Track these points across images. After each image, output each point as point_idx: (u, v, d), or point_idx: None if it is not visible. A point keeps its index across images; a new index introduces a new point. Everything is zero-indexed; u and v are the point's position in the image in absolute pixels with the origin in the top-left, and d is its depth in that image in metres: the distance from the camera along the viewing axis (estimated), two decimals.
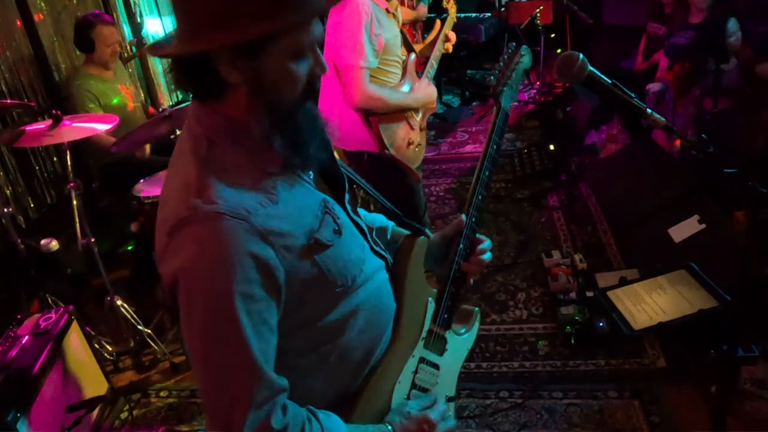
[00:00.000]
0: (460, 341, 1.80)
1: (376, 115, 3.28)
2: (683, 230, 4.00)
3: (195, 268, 1.25)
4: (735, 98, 4.73)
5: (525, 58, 1.92)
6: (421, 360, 1.67)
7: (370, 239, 1.61)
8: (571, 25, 7.28)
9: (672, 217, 4.13)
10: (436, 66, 3.78)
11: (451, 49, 3.87)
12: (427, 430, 1.59)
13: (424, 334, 1.68)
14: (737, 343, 2.04)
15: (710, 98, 4.66)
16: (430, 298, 1.71)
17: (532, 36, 7.55)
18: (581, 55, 1.68)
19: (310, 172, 1.47)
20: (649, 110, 1.69)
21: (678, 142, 4.49)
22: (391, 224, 1.84)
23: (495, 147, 1.83)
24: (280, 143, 1.33)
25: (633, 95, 1.70)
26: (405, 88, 3.42)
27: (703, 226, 3.92)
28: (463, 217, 1.78)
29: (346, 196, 1.57)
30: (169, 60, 1.34)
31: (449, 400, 1.72)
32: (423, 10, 3.99)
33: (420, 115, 3.56)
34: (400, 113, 3.40)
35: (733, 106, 4.71)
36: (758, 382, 3.20)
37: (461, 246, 1.75)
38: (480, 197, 1.80)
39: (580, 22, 7.13)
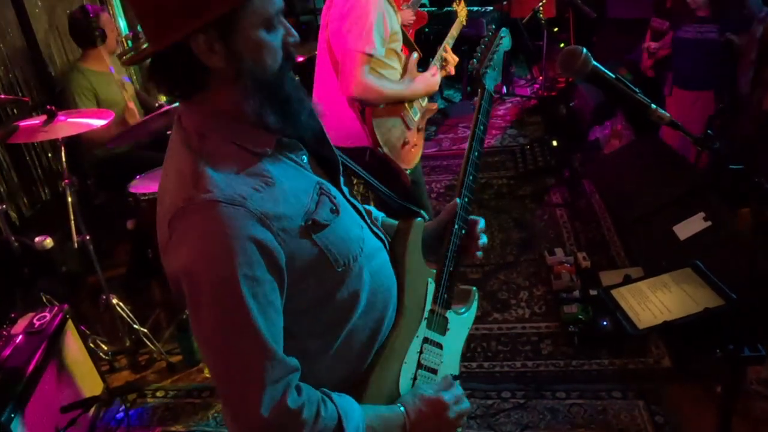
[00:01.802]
0: (461, 320, 1.85)
1: (372, 108, 3.23)
2: (688, 228, 3.99)
3: (198, 256, 1.28)
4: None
5: (505, 40, 2.05)
6: (425, 340, 1.70)
7: (368, 220, 1.65)
8: (574, 19, 7.29)
9: (677, 214, 4.12)
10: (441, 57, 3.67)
11: (453, 71, 3.75)
12: (441, 413, 1.60)
13: (426, 315, 1.71)
14: (743, 342, 2.03)
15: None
16: (429, 279, 1.74)
17: (535, 30, 7.55)
18: (584, 50, 1.68)
19: (304, 156, 1.51)
20: (653, 106, 1.68)
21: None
22: (381, 215, 1.89)
23: (482, 128, 1.89)
24: (272, 117, 1.38)
25: (637, 90, 1.69)
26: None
27: (709, 223, 3.91)
28: (458, 200, 1.83)
29: (341, 179, 1.61)
30: (146, 66, 1.38)
31: (454, 378, 1.74)
32: (406, 13, 3.91)
33: (418, 115, 3.51)
34: (396, 110, 3.35)
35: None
36: (765, 382, 3.19)
37: (456, 227, 1.80)
38: (471, 177, 1.86)
39: (583, 15, 7.12)
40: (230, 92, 1.36)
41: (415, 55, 3.45)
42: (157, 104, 4.11)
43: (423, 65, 3.54)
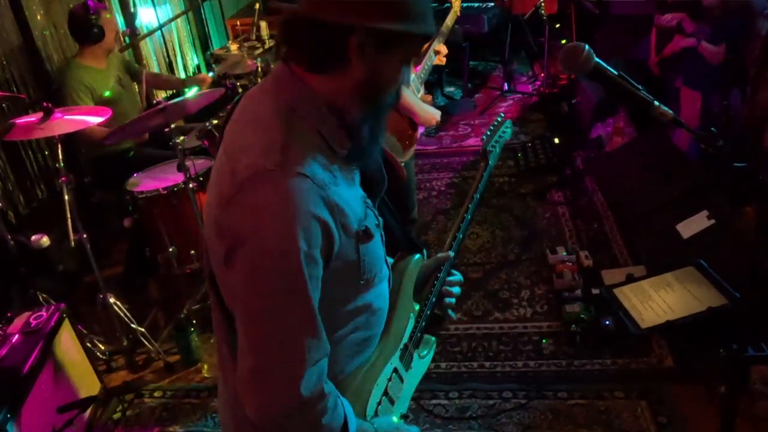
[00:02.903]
0: (420, 363, 1.92)
1: None
2: (692, 226, 4.00)
3: (272, 221, 1.30)
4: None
5: (509, 130, 2.31)
6: (395, 370, 1.77)
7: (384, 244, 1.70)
8: (576, 16, 7.26)
9: (680, 212, 4.13)
10: (421, 80, 3.61)
11: (444, 61, 3.76)
12: None
13: (401, 346, 1.80)
14: (747, 341, 2.03)
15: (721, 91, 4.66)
16: (412, 314, 1.85)
17: (537, 26, 7.53)
18: (587, 46, 1.68)
19: (357, 173, 1.57)
20: (656, 103, 1.68)
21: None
22: None
23: (479, 196, 2.08)
24: (367, 131, 1.47)
25: (640, 87, 1.69)
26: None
27: (712, 221, 3.92)
28: (450, 254, 1.96)
29: (377, 201, 1.67)
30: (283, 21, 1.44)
31: (402, 417, 1.83)
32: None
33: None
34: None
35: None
36: None
37: (441, 275, 1.94)
38: (461, 236, 2.02)
39: (585, 12, 7.11)
40: (347, 92, 1.41)
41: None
42: (155, 101, 4.10)
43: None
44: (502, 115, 2.41)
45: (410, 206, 3.71)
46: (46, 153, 4.92)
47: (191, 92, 4.83)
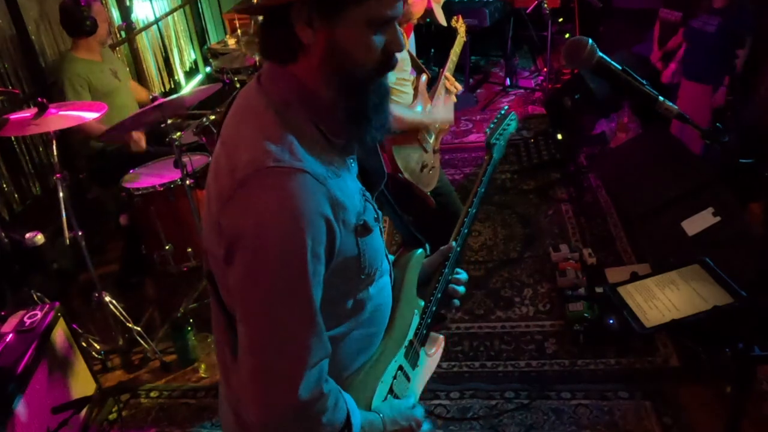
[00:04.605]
0: (429, 361, 1.91)
1: (390, 136, 3.24)
2: (697, 223, 3.99)
3: (275, 219, 1.29)
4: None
5: (513, 122, 2.31)
6: (400, 368, 1.76)
7: (384, 240, 1.69)
8: (579, 9, 7.27)
9: (685, 209, 4.12)
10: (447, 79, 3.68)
11: (455, 99, 3.75)
12: (415, 428, 1.67)
13: (406, 344, 1.78)
14: (753, 341, 2.03)
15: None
16: (416, 311, 1.83)
17: (539, 21, 7.53)
18: (590, 41, 1.67)
19: (354, 163, 1.55)
20: (661, 98, 1.68)
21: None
22: None
23: (483, 189, 2.06)
24: (344, 111, 1.41)
25: (644, 82, 1.69)
26: (418, 109, 3.40)
27: (718, 218, 3.91)
28: (453, 244, 1.94)
29: (375, 195, 1.65)
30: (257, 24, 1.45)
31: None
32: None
33: (433, 137, 3.52)
34: (413, 136, 3.36)
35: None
36: None
37: (446, 270, 1.91)
38: (467, 230, 2.00)
39: (589, 5, 7.11)
40: (315, 73, 1.39)
41: (424, 77, 3.47)
42: (150, 97, 4.10)
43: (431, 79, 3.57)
44: (506, 107, 2.39)
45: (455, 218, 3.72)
46: (41, 149, 4.92)
47: (187, 88, 4.83)
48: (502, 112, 2.30)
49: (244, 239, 1.31)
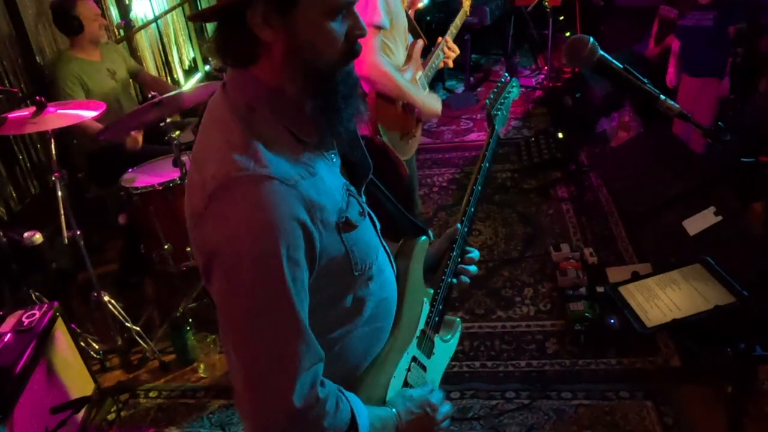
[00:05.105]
0: (445, 347, 1.90)
1: (375, 95, 3.20)
2: (698, 222, 3.99)
3: (246, 229, 1.27)
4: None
5: (515, 89, 2.27)
6: (414, 359, 1.74)
7: (378, 230, 1.67)
8: (580, 7, 7.27)
9: (687, 208, 4.12)
10: (428, 78, 3.61)
11: (452, 65, 3.75)
12: (430, 413, 1.66)
13: (417, 334, 1.76)
14: (755, 340, 2.03)
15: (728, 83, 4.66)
16: (425, 299, 1.80)
17: (540, 18, 7.53)
18: (591, 39, 1.67)
19: (335, 157, 1.53)
20: (662, 96, 1.68)
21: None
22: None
23: (488, 164, 2.02)
24: (312, 106, 1.38)
25: (646, 80, 1.69)
26: (408, 75, 3.37)
27: (720, 218, 3.91)
28: (458, 226, 1.91)
29: (363, 187, 1.64)
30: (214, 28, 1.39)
31: None
32: None
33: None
34: (397, 102, 3.32)
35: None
36: None
37: (455, 253, 1.88)
38: (473, 209, 1.96)
39: (590, 3, 7.12)
40: (278, 71, 1.36)
41: (420, 42, 3.45)
42: (150, 95, 4.09)
43: (426, 53, 3.54)
44: (507, 74, 2.35)
45: (413, 203, 3.70)
46: (39, 147, 4.91)
47: (187, 86, 4.83)
48: (503, 80, 2.25)
49: (218, 255, 1.30)
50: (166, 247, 4.03)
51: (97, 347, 3.98)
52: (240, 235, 1.27)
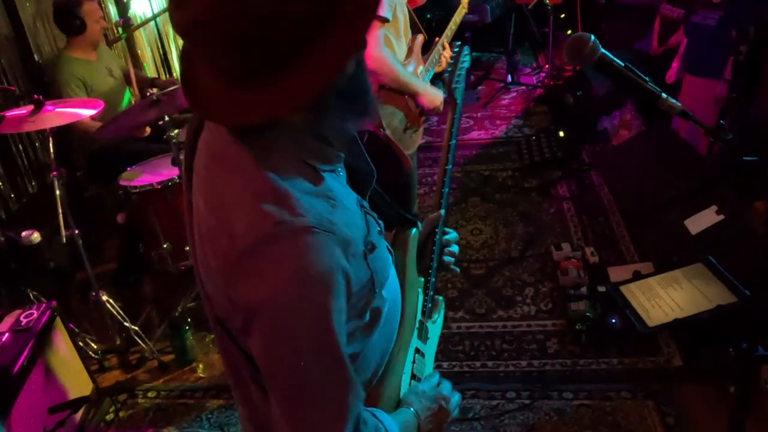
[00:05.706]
0: (435, 328, 1.90)
1: (378, 88, 3.20)
2: (700, 221, 3.99)
3: (290, 288, 1.20)
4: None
5: (467, 57, 2.32)
6: (416, 350, 1.75)
7: (383, 232, 1.62)
8: (581, 5, 7.26)
9: (688, 207, 4.12)
10: (428, 72, 3.61)
11: (444, 65, 3.72)
12: (444, 406, 1.68)
13: (417, 325, 1.77)
14: (757, 340, 2.03)
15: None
16: (420, 290, 1.82)
17: (541, 16, 7.52)
18: (592, 37, 1.67)
19: (342, 169, 1.44)
20: (664, 95, 1.67)
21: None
22: None
23: (455, 141, 2.07)
24: (324, 126, 1.30)
25: (647, 79, 1.69)
26: (410, 68, 3.37)
27: (722, 217, 3.91)
28: (442, 212, 1.93)
29: (367, 195, 1.57)
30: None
31: None
32: None
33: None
34: (400, 94, 3.33)
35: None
36: None
37: (437, 238, 1.90)
38: (447, 190, 2.00)
39: (591, 1, 7.11)
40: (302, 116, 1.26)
41: (420, 37, 3.45)
42: (148, 93, 4.09)
43: (426, 49, 3.55)
44: (459, 43, 2.39)
45: (411, 201, 3.70)
46: (37, 145, 4.91)
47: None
48: (456, 50, 2.28)
49: (261, 314, 1.22)
50: (165, 246, 4.02)
51: (95, 347, 3.98)
52: (285, 294, 1.20)
